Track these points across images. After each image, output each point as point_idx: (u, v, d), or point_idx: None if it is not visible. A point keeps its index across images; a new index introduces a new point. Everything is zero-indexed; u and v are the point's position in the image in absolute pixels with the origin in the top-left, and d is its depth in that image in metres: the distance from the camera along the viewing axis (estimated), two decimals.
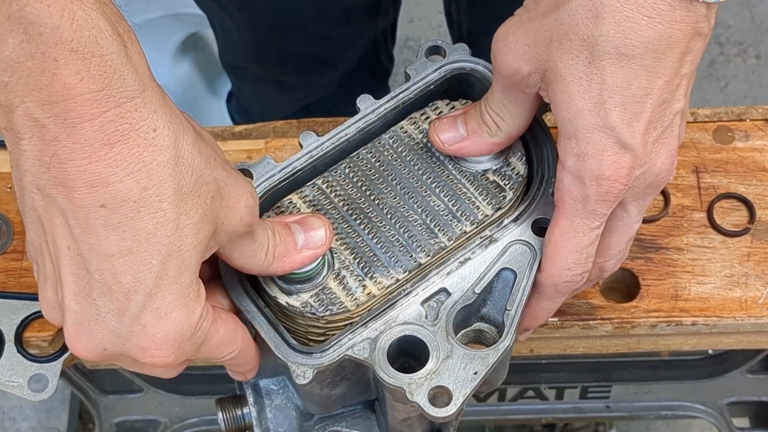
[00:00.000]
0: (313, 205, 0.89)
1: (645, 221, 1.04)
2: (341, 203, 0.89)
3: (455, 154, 0.89)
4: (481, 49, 0.86)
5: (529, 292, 0.87)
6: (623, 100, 0.77)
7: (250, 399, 0.95)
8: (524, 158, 0.91)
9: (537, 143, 0.90)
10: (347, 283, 0.86)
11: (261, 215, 0.89)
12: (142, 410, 1.52)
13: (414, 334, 0.84)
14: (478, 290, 0.87)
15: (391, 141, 0.92)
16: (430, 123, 0.90)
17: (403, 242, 0.87)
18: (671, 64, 0.77)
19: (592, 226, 0.83)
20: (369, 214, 0.89)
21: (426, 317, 0.86)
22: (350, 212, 0.89)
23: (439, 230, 0.88)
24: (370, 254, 0.87)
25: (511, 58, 0.81)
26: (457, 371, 0.83)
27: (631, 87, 0.77)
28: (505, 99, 0.85)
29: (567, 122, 0.79)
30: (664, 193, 1.06)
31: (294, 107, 1.74)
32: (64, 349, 1.00)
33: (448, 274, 0.87)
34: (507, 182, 0.89)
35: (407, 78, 0.93)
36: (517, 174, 0.90)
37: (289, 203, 0.89)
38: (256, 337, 0.85)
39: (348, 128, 0.92)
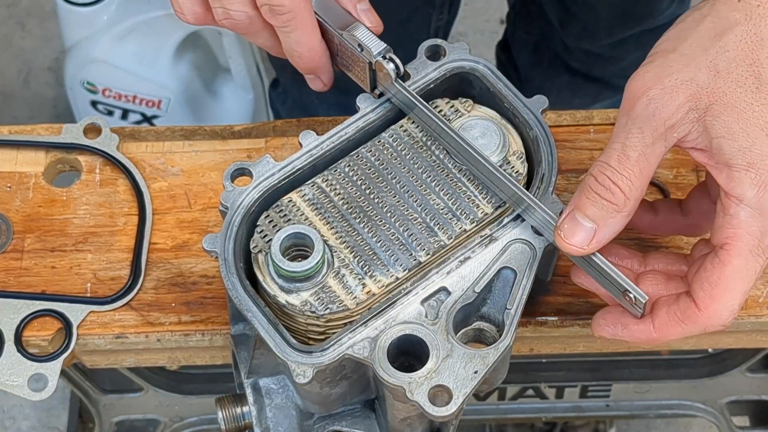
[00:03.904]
0: (313, 204, 0.89)
1: None
2: (341, 202, 0.89)
3: (594, 251, 0.83)
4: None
5: (529, 291, 0.87)
6: None
7: (250, 398, 0.95)
8: (524, 157, 0.91)
9: (537, 142, 0.90)
10: (347, 282, 0.86)
11: (260, 214, 0.89)
12: (142, 409, 1.52)
13: (414, 333, 0.84)
14: (478, 289, 0.87)
15: (391, 140, 0.91)
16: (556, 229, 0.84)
17: (403, 241, 0.87)
18: None
19: (762, 264, 0.79)
20: (369, 213, 0.89)
21: (426, 316, 0.86)
22: (350, 211, 0.89)
23: (438, 229, 0.88)
24: (370, 253, 0.87)
25: (671, 99, 0.78)
26: (457, 370, 0.83)
27: None
28: (644, 157, 0.79)
29: (744, 152, 0.77)
30: (664, 193, 1.05)
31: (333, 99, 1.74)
32: (63, 348, 1.00)
33: (448, 272, 0.87)
34: None
35: (407, 77, 0.93)
36: (516, 173, 0.90)
37: (288, 202, 0.89)
38: (256, 336, 0.85)
39: (348, 127, 0.92)
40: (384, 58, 0.90)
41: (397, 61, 0.90)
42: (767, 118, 0.77)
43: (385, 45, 0.90)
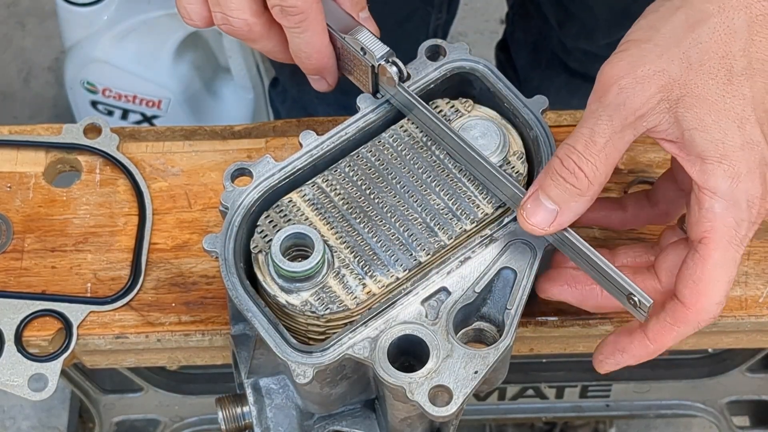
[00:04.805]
0: (313, 204, 0.89)
1: None
2: (341, 202, 0.89)
3: (557, 231, 0.83)
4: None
5: (529, 291, 0.87)
6: (763, 114, 0.78)
7: (250, 398, 0.95)
8: (524, 157, 0.91)
9: (537, 142, 0.90)
10: (347, 282, 0.86)
11: (260, 214, 0.89)
12: (142, 409, 1.52)
13: (414, 333, 0.85)
14: (478, 289, 0.87)
15: (391, 140, 0.92)
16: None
17: (403, 241, 0.87)
18: None
19: (741, 253, 0.80)
20: (369, 213, 0.89)
21: (426, 316, 0.86)
22: (350, 211, 0.89)
23: (439, 229, 0.88)
24: (370, 253, 0.87)
25: (642, 89, 0.78)
26: (457, 370, 0.83)
27: (765, 101, 0.78)
28: (611, 143, 0.80)
29: (716, 144, 0.78)
30: None
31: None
32: (63, 348, 1.00)
33: (449, 273, 0.87)
34: None
35: (408, 78, 0.93)
36: (517, 173, 0.90)
37: (288, 202, 0.89)
38: (256, 336, 0.85)
39: (348, 127, 0.92)
40: (387, 61, 0.90)
41: (400, 64, 0.90)
42: (738, 110, 0.78)
43: (388, 49, 0.90)
